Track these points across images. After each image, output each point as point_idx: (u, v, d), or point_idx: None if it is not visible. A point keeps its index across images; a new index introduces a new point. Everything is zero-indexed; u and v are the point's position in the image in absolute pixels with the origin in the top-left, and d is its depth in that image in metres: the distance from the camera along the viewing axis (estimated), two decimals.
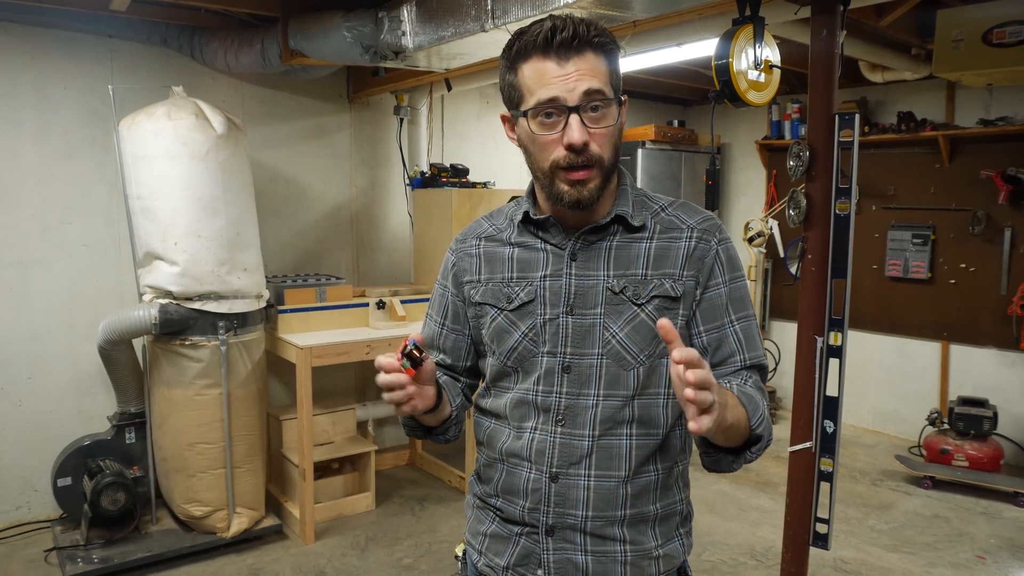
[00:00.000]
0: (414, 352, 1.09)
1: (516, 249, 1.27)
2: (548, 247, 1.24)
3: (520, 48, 1.15)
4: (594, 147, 1.13)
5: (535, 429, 1.21)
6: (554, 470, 1.20)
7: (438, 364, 1.36)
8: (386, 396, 1.11)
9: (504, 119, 1.24)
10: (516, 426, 1.24)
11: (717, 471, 1.19)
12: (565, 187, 1.15)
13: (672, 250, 1.21)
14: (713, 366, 1.20)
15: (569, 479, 1.20)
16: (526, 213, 1.26)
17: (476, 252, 1.31)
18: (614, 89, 1.16)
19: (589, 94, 1.12)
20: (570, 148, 1.12)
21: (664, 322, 0.95)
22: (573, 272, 1.21)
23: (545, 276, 1.23)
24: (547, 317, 1.21)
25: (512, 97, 1.18)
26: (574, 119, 1.11)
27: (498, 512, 1.28)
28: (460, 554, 1.39)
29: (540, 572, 1.22)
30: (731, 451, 1.14)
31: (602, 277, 1.20)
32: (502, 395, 1.27)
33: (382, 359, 1.10)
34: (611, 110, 1.15)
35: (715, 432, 1.01)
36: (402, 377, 1.09)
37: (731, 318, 1.22)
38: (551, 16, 1.14)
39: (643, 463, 1.21)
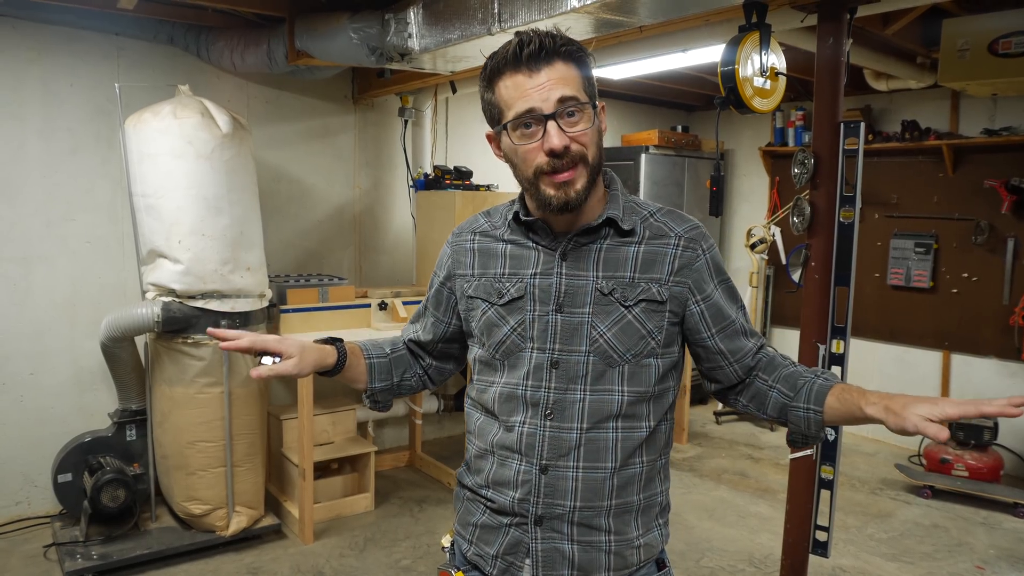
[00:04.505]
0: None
1: (509, 246, 1.32)
2: (539, 247, 1.29)
3: (493, 67, 1.20)
4: (575, 146, 1.18)
5: (524, 423, 1.26)
6: (544, 462, 1.24)
7: (412, 339, 1.47)
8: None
9: (489, 138, 1.29)
10: (505, 420, 1.28)
11: (806, 445, 1.32)
12: (551, 191, 1.20)
13: (660, 256, 1.26)
14: (731, 356, 1.31)
15: (558, 471, 1.24)
16: (516, 213, 1.30)
17: (471, 247, 1.37)
18: (588, 95, 1.20)
19: (563, 101, 1.16)
20: (551, 154, 1.17)
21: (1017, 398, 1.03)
22: (564, 272, 1.26)
23: (536, 274, 1.28)
24: (536, 313, 1.26)
25: (493, 115, 1.24)
26: (551, 126, 1.16)
27: (489, 503, 1.32)
28: (447, 545, 1.42)
29: (528, 561, 1.27)
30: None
31: (591, 278, 1.25)
32: (488, 388, 1.32)
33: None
34: (586, 114, 1.19)
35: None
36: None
37: (734, 314, 1.31)
38: (517, 33, 1.19)
39: (629, 456, 1.26)
